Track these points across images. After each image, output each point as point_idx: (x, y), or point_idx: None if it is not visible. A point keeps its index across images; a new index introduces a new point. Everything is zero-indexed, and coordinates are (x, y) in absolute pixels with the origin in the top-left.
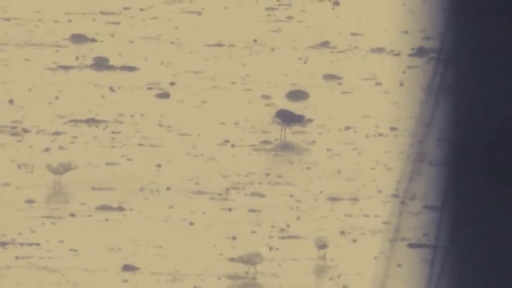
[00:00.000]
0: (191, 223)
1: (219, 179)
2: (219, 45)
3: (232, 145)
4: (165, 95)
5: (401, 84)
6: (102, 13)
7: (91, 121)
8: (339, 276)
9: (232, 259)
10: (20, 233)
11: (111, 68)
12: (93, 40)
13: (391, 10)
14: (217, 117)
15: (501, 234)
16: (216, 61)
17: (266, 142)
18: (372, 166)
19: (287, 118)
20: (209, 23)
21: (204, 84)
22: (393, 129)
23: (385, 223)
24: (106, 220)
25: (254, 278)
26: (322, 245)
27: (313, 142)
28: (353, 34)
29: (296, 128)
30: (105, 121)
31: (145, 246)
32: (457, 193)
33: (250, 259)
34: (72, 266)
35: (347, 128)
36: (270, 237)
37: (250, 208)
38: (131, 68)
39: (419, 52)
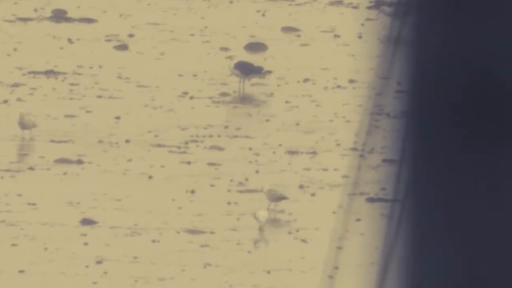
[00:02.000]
0: (150, 177)
1: (178, 131)
2: None
3: (191, 97)
4: (123, 47)
5: (360, 37)
6: None
7: (49, 73)
8: (297, 230)
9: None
10: None
11: (70, 20)
12: None
13: None
14: (176, 69)
15: (460, 187)
16: (174, 13)
17: (224, 94)
18: (331, 118)
19: (245, 69)
20: None
21: (162, 36)
22: (351, 81)
23: (344, 176)
24: (65, 173)
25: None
26: (278, 198)
27: (272, 94)
28: None
29: (255, 80)
30: (63, 73)
31: (104, 199)
32: (415, 146)
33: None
34: (31, 219)
35: (306, 80)
36: (228, 191)
37: (209, 162)
38: (89, 20)
39: (378, 4)
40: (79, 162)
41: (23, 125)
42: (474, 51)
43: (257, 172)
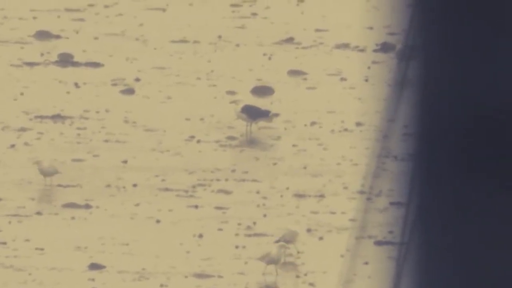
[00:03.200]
0: (158, 221)
1: (185, 175)
2: (183, 41)
3: (198, 141)
4: (130, 91)
5: (366, 80)
6: (67, 10)
7: (56, 117)
8: (305, 274)
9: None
10: None
11: (76, 64)
12: (58, 36)
13: (356, 6)
14: (183, 113)
15: (468, 230)
16: (181, 57)
17: (231, 138)
18: (338, 161)
19: (252, 113)
20: (173, 19)
21: (169, 80)
22: (358, 124)
23: (352, 220)
24: (73, 218)
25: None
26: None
27: (279, 137)
28: (318, 30)
29: (262, 123)
30: (70, 117)
31: (112, 244)
32: (423, 188)
33: (263, 258)
34: (39, 265)
35: (313, 123)
36: (236, 234)
37: (216, 205)
38: (96, 64)
39: (384, 47)
40: (87, 206)
41: (44, 172)
42: (481, 92)
43: (264, 215)
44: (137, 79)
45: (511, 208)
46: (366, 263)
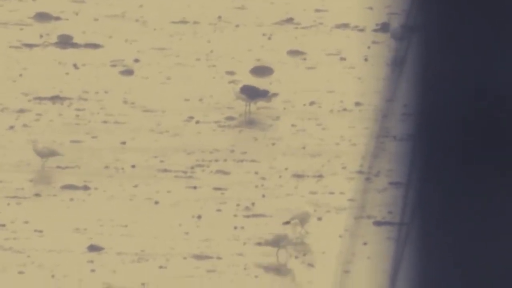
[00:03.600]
0: (156, 202)
1: (184, 156)
2: (183, 22)
3: (197, 122)
4: (129, 72)
5: (366, 60)
6: None
7: (55, 98)
8: (304, 254)
9: (259, 243)
10: None
11: (75, 45)
12: (57, 18)
13: None
14: (182, 93)
15: (467, 210)
16: (180, 38)
17: (230, 118)
18: (337, 141)
19: (251, 93)
20: (173, 0)
21: (168, 61)
22: (357, 104)
23: (350, 200)
24: (71, 199)
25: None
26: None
27: (278, 117)
28: (318, 10)
29: (261, 103)
30: (69, 98)
31: (110, 225)
32: (422, 169)
33: (278, 241)
34: (38, 246)
35: (312, 103)
36: (235, 215)
37: (215, 186)
38: (95, 46)
39: (384, 27)
40: (85, 188)
41: (39, 153)
42: (482, 73)
43: (263, 196)
44: (137, 60)
45: (509, 187)
46: (365, 243)
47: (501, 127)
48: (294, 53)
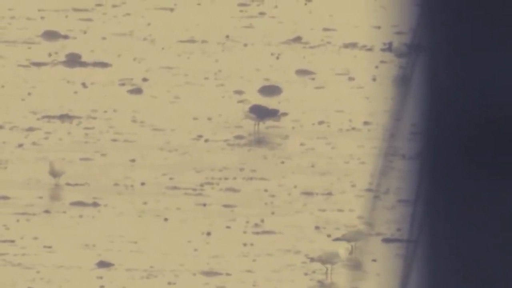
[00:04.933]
0: (166, 219)
1: (193, 174)
2: (191, 41)
3: (206, 140)
4: (137, 91)
5: (374, 79)
6: (75, 10)
7: (64, 117)
8: (313, 272)
9: (311, 259)
10: None
11: (84, 64)
12: (65, 37)
13: (363, 6)
14: (190, 112)
15: (475, 228)
16: (188, 57)
17: (239, 137)
18: (346, 160)
19: (260, 113)
20: (181, 19)
21: (177, 80)
22: (366, 123)
23: (359, 217)
24: (81, 216)
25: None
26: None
27: (287, 136)
28: (326, 29)
29: (270, 123)
30: (78, 117)
31: (120, 242)
32: (430, 186)
33: (329, 259)
34: (47, 263)
35: (321, 122)
36: (244, 232)
37: (224, 203)
38: (103, 64)
39: (391, 47)
40: (95, 204)
41: (53, 173)
42: (489, 90)
43: (272, 213)
44: (145, 79)
45: None
46: (374, 260)
47: (510, 140)
48: (302, 72)
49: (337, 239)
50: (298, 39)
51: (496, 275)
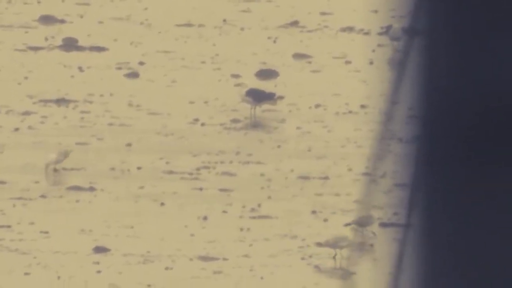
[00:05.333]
0: (162, 204)
1: (189, 158)
2: (188, 25)
3: (202, 124)
4: (134, 75)
5: (371, 63)
6: None
7: (60, 101)
8: (310, 256)
9: (319, 244)
10: None
11: (80, 48)
12: (62, 21)
13: None
14: (187, 96)
15: (472, 212)
16: (185, 41)
17: (236, 120)
18: (343, 144)
19: (257, 96)
20: (178, 3)
21: (173, 64)
22: (363, 106)
23: (356, 201)
24: (77, 201)
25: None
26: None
27: (283, 120)
28: (323, 13)
29: (266, 106)
30: (74, 101)
31: (116, 227)
32: (427, 170)
33: (337, 243)
34: (43, 248)
35: (317, 106)
36: (241, 217)
37: (221, 188)
38: (100, 49)
39: (389, 30)
40: (91, 189)
41: (58, 158)
42: (487, 74)
43: (269, 198)
44: (142, 63)
45: None
46: (371, 245)
47: (507, 128)
48: (299, 56)
49: (347, 224)
50: (295, 23)
51: (493, 258)
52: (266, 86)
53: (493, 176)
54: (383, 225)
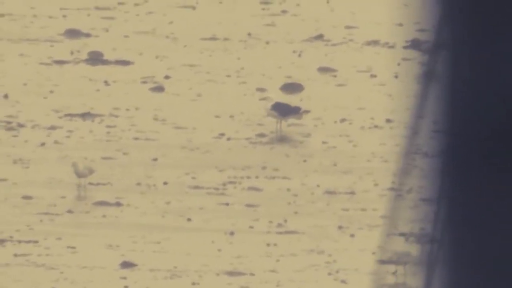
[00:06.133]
0: (189, 219)
1: (215, 173)
2: (213, 38)
3: (228, 138)
4: (160, 89)
5: (396, 76)
6: (97, 8)
7: (86, 115)
8: (337, 271)
9: (382, 262)
10: (18, 230)
11: (106, 62)
12: (87, 35)
13: (385, 3)
14: (212, 110)
15: (498, 226)
16: (210, 55)
17: (261, 135)
18: (368, 158)
19: (283, 110)
20: (203, 17)
21: (199, 78)
22: (388, 121)
23: (383, 216)
24: (104, 216)
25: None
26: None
27: (309, 134)
28: (348, 27)
29: (292, 120)
30: (100, 115)
31: (143, 242)
32: (453, 185)
33: (400, 259)
34: (70, 263)
35: (343, 120)
36: (267, 232)
37: (247, 203)
38: (125, 62)
39: (414, 44)
40: (118, 204)
41: (79, 174)
42: (510, 88)
43: (295, 213)
44: (167, 77)
45: None
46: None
47: None
48: (324, 70)
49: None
50: (320, 37)
51: None
52: (291, 100)
53: None
54: (410, 240)
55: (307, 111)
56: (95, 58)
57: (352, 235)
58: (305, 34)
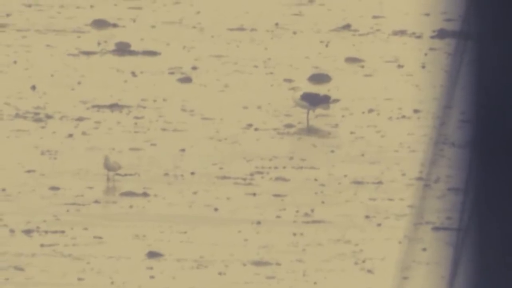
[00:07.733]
0: (216, 209)
1: (243, 163)
2: (241, 29)
3: (256, 129)
4: (187, 80)
5: (423, 66)
6: None
7: (114, 106)
8: (363, 261)
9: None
10: (44, 221)
11: (133, 53)
12: (115, 25)
13: None
14: (240, 101)
15: None
16: (238, 45)
17: (289, 125)
18: (396, 148)
19: (313, 100)
20: (231, 7)
21: (226, 68)
22: (416, 111)
23: (410, 206)
24: (131, 206)
25: None
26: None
27: (336, 125)
28: (375, 17)
29: (319, 111)
30: (128, 106)
31: (170, 232)
32: (480, 174)
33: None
34: (97, 253)
35: (370, 110)
36: (294, 221)
37: (274, 193)
38: (153, 53)
39: (441, 34)
40: (145, 195)
41: (109, 167)
42: None
43: (322, 202)
44: (194, 67)
45: None
46: (424, 249)
47: None
48: (351, 60)
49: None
50: (347, 27)
51: None
52: (319, 90)
53: None
54: (437, 229)
55: (336, 100)
56: (122, 49)
57: (379, 225)
58: (333, 24)
